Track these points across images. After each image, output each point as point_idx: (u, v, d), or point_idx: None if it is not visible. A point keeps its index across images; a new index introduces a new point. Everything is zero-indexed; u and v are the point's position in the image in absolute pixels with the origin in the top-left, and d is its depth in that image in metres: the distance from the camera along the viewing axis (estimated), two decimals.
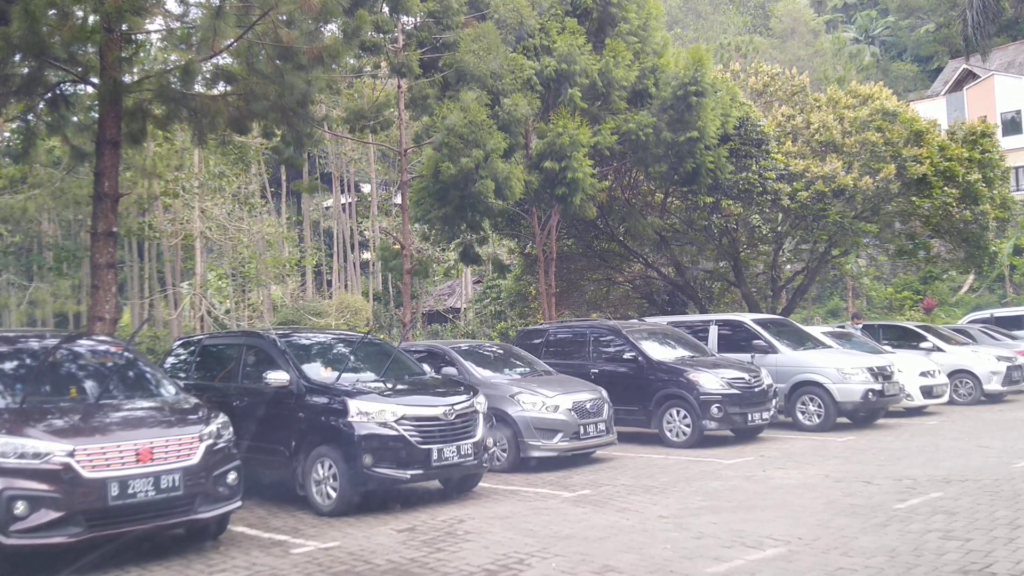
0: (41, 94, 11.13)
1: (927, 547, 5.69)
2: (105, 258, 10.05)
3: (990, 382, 16.03)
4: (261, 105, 10.79)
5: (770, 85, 19.20)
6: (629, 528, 6.60)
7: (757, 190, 16.74)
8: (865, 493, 7.66)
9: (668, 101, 14.89)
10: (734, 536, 6.19)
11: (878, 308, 37.63)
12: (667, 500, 7.69)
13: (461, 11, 13.66)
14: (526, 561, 5.70)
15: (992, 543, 5.73)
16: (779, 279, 21.55)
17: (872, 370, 12.73)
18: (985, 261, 20.07)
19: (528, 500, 7.97)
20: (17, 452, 5.52)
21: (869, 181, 16.47)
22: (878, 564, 5.32)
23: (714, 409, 11.15)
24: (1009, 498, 7.21)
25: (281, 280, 34.55)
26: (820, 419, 12.58)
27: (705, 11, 79.34)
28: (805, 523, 6.53)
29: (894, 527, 6.30)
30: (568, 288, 22.20)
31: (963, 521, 6.40)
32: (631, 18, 15.31)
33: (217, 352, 9.50)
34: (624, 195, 18.80)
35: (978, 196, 17.57)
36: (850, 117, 17.17)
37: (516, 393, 9.88)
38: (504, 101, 13.38)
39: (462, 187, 13.10)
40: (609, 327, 13.00)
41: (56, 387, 6.57)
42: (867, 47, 69.37)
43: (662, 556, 5.71)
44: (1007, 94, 49.32)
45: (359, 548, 6.26)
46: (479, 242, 17.49)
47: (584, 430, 9.92)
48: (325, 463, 7.60)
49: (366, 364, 8.86)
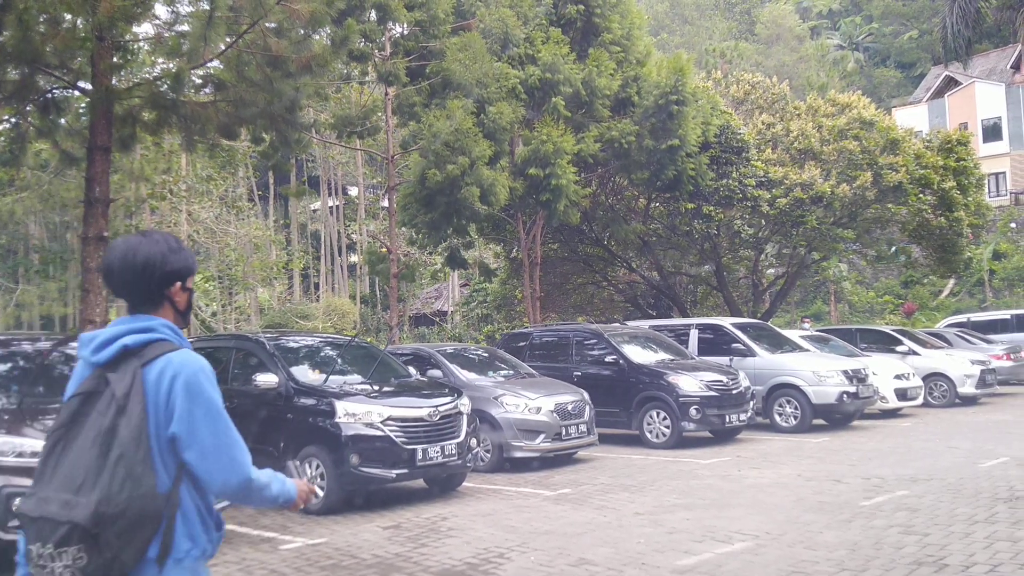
0: (32, 99, 11.27)
1: (887, 541, 5.99)
2: (96, 262, 10.22)
3: (964, 385, 16.40)
4: (250, 111, 10.97)
5: (751, 93, 19.58)
6: (606, 524, 6.86)
7: (737, 196, 17.10)
8: (834, 491, 7.96)
9: (650, 109, 15.22)
10: (705, 531, 6.47)
11: (860, 312, 38.16)
12: (644, 498, 7.97)
13: (448, 20, 13.93)
14: (506, 555, 5.95)
15: (948, 537, 6.03)
16: (760, 284, 21.93)
17: (847, 373, 13.07)
18: (961, 266, 20.53)
19: (510, 498, 8.23)
20: (15, 450, 5.74)
21: (846, 188, 16.86)
22: (839, 557, 5.61)
23: (693, 411, 11.44)
24: (970, 496, 7.53)
25: (268, 283, 34.64)
26: (796, 421, 12.90)
27: (691, 16, 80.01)
28: (774, 519, 6.82)
29: (858, 523, 6.59)
30: (553, 292, 22.50)
31: (924, 517, 6.70)
32: (614, 28, 15.63)
33: (207, 355, 9.64)
34: (608, 200, 19.11)
35: (953, 203, 18.00)
36: (828, 125, 17.56)
37: (500, 395, 10.14)
38: (489, 109, 13.66)
39: (448, 193, 13.36)
40: (591, 331, 13.28)
41: (51, 388, 6.76)
42: (851, 53, 70.16)
43: (635, 550, 5.98)
44: (988, 101, 50.04)
45: (346, 544, 6.49)
46: (465, 246, 17.76)
47: (566, 431, 10.18)
48: (313, 463, 7.83)
49: (353, 367, 9.09)
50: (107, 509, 1.93)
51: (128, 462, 1.97)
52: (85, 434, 2.02)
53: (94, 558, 1.92)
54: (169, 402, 2.06)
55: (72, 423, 2.05)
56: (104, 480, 1.95)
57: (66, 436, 2.04)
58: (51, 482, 2.00)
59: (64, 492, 1.96)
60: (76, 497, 1.94)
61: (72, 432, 2.04)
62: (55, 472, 2.01)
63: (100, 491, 1.94)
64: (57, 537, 1.91)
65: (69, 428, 2.04)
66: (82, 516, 1.91)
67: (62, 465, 2.01)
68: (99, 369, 2.10)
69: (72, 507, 1.93)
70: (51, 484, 2.00)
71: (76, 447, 2.01)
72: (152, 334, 2.14)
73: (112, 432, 1.99)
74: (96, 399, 2.05)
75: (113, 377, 2.06)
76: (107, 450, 1.97)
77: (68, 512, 1.93)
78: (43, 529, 1.95)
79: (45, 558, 1.92)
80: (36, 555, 1.94)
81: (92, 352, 2.12)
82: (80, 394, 2.08)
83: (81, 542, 1.91)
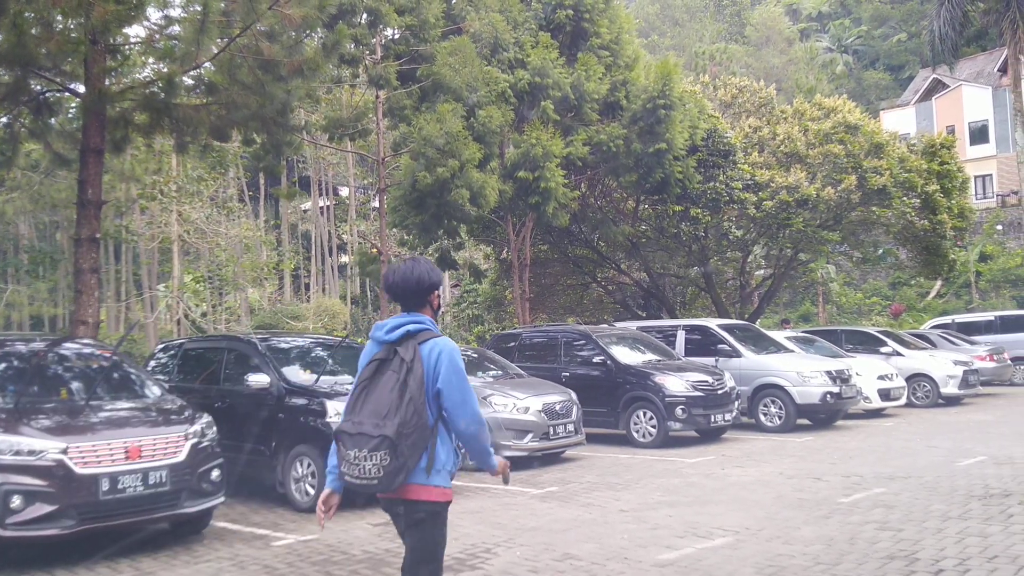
0: (25, 101, 11.35)
1: (862, 536, 6.18)
2: (88, 263, 10.33)
3: (947, 385, 16.66)
4: (242, 114, 11.08)
5: (738, 96, 19.81)
6: (591, 521, 7.04)
7: (724, 199, 17.31)
8: (814, 489, 8.15)
9: (638, 113, 15.42)
10: (687, 527, 6.65)
11: (848, 313, 38.50)
12: (628, 495, 8.15)
13: (438, 25, 14.09)
14: (493, 550, 6.12)
15: (922, 533, 6.23)
16: (748, 285, 22.16)
17: (830, 374, 13.29)
18: (944, 268, 20.82)
19: (498, 497, 8.39)
20: (13, 449, 5.85)
21: (831, 191, 17.11)
22: (814, 551, 5.80)
23: (679, 411, 11.64)
24: (946, 493, 7.73)
25: (259, 283, 34.66)
26: (781, 420, 13.11)
27: (682, 18, 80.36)
28: (754, 515, 7.00)
29: (835, 519, 6.79)
30: (543, 292, 22.68)
31: (899, 514, 6.90)
32: (603, 32, 15.83)
33: (199, 356, 9.83)
34: (597, 202, 19.30)
35: (936, 206, 18.27)
36: (814, 129, 17.81)
37: (488, 395, 10.30)
38: (479, 113, 13.83)
39: (438, 196, 13.52)
40: (580, 332, 13.46)
41: (47, 389, 6.89)
42: (840, 56, 70.62)
43: (619, 545, 6.16)
44: (975, 104, 50.46)
45: (337, 540, 6.64)
46: (456, 248, 17.90)
47: (554, 431, 10.36)
48: (304, 461, 7.97)
49: (343, 367, 9.22)
50: (403, 430, 3.06)
51: (415, 403, 3.11)
52: (384, 383, 3.17)
53: (393, 460, 3.06)
54: (436, 368, 3.20)
55: (374, 376, 3.22)
56: (402, 412, 3.08)
57: (370, 385, 3.22)
58: (361, 412, 3.16)
59: (373, 418, 3.11)
60: (383, 421, 3.08)
61: (374, 382, 3.21)
62: (364, 406, 3.17)
63: (400, 418, 3.07)
64: (371, 445, 3.06)
65: (372, 379, 3.22)
66: (390, 431, 3.05)
67: (369, 402, 3.17)
68: (389, 344, 3.27)
69: (382, 427, 3.07)
70: (362, 413, 3.16)
71: (378, 391, 3.17)
72: (422, 325, 3.31)
73: (405, 383, 3.13)
74: (389, 363, 3.22)
75: (400, 350, 3.22)
76: (402, 394, 3.11)
77: (379, 429, 3.07)
78: (360, 440, 3.09)
79: (360, 459, 3.08)
80: (353, 457, 3.11)
81: (385, 333, 3.30)
82: (377, 360, 3.26)
83: (387, 449, 3.06)
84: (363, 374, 3.27)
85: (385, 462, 3.05)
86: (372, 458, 3.06)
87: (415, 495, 3.20)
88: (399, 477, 3.10)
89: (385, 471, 3.07)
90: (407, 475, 3.13)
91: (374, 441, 3.06)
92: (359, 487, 3.14)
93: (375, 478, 3.08)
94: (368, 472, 3.08)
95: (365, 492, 3.24)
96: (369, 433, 3.07)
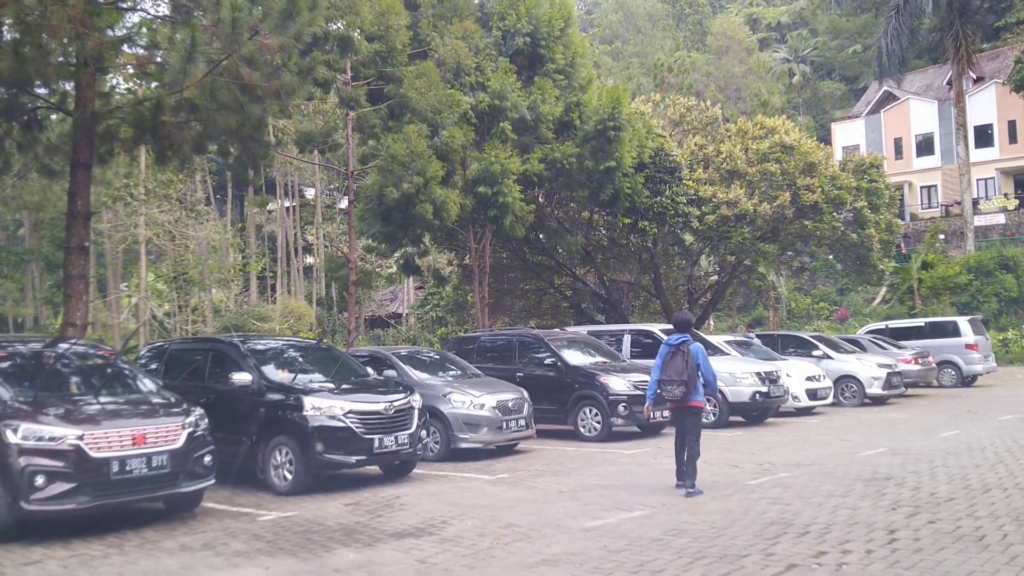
0: (17, 118, 12.19)
1: (755, 509, 7.43)
2: (78, 270, 11.30)
3: (872, 387, 18.11)
4: (220, 131, 12.06)
5: (686, 116, 21.17)
6: (533, 500, 8.21)
7: (670, 213, 18.64)
8: (728, 474, 9.42)
9: (590, 133, 16.65)
10: (614, 503, 7.85)
11: (798, 317, 40.22)
12: (568, 480, 9.34)
13: (405, 51, 15.17)
14: (447, 522, 7.25)
15: (805, 507, 7.49)
16: (695, 291, 23.54)
17: (760, 375, 14.63)
18: (874, 277, 22.39)
19: (455, 482, 9.53)
20: (36, 436, 6.84)
21: (767, 207, 18.52)
22: (712, 519, 7.03)
23: (621, 408, 12.85)
24: (839, 477, 9.03)
25: (224, 284, 35.14)
26: (715, 417, 14.40)
27: (644, 27, 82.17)
28: (673, 495, 8.23)
29: (738, 497, 8.04)
30: (503, 297, 23.82)
31: (792, 493, 8.17)
32: (558, 58, 17.03)
33: (185, 356, 10.80)
34: (554, 213, 20.52)
35: (865, 221, 19.80)
36: (754, 148, 19.21)
37: (448, 393, 11.43)
38: (442, 133, 14.93)
39: (404, 209, 14.60)
40: (534, 335, 14.64)
41: (59, 385, 7.87)
42: (797, 66, 72.83)
43: (554, 516, 7.34)
44: (921, 117, 52.64)
45: (314, 516, 7.72)
46: (420, 254, 18.97)
47: (507, 425, 11.51)
48: (283, 450, 9.03)
49: (317, 367, 10.29)
50: (688, 379, 8.28)
51: (691, 368, 8.29)
52: (677, 360, 8.35)
53: (684, 392, 8.33)
54: (696, 356, 8.37)
55: (673, 356, 8.39)
56: (686, 373, 8.29)
57: (671, 360, 8.38)
58: (669, 372, 8.37)
59: (675, 375, 8.33)
60: (680, 377, 8.30)
61: (673, 359, 8.37)
62: (669, 370, 8.38)
63: (687, 375, 8.29)
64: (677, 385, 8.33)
65: (673, 357, 8.39)
66: (687, 377, 8.29)
67: (671, 368, 8.36)
68: (675, 346, 8.43)
69: (681, 380, 8.30)
70: (669, 373, 8.37)
71: (675, 363, 8.35)
72: (688, 337, 8.56)
73: (686, 361, 8.31)
74: (679, 352, 8.37)
75: (683, 348, 8.38)
76: (685, 366, 8.29)
77: (680, 378, 8.30)
78: (669, 386, 8.38)
79: (672, 389, 8.37)
80: (668, 389, 8.42)
81: (674, 341, 8.49)
82: (672, 350, 8.42)
83: (683, 385, 8.31)
84: (666, 357, 8.42)
85: (682, 390, 8.27)
86: (677, 391, 8.30)
87: (693, 404, 8.37)
88: (687, 397, 8.29)
89: (682, 395, 8.28)
90: (690, 396, 8.29)
91: (679, 387, 8.27)
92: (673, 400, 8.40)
93: (680, 397, 8.30)
94: (675, 395, 8.31)
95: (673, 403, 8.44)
96: (676, 380, 8.28)
